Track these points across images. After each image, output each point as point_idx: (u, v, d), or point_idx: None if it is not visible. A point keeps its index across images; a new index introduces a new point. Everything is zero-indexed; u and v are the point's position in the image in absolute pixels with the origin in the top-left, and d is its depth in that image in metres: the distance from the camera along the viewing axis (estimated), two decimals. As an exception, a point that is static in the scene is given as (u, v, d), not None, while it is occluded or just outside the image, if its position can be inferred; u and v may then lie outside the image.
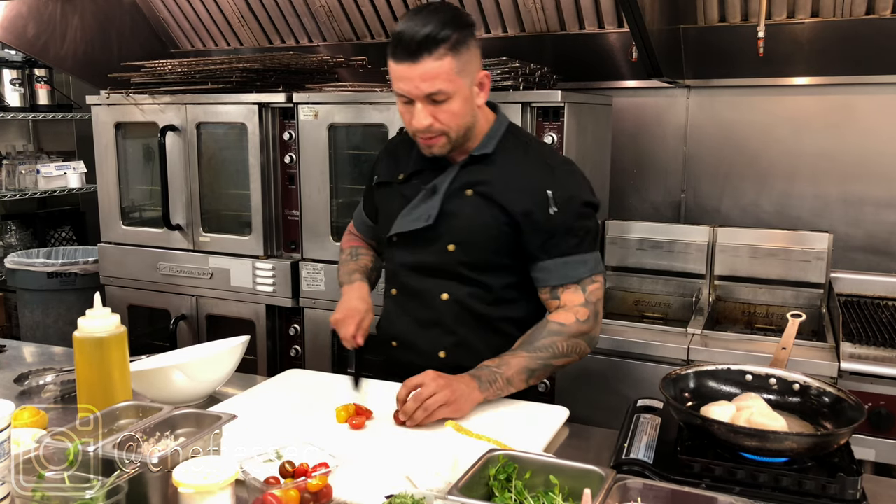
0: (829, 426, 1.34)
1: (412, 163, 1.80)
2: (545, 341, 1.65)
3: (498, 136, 1.74)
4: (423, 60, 1.54)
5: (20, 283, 3.52)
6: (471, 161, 1.72)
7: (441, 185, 1.72)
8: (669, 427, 1.40)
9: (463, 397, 1.53)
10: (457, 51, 1.57)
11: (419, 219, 1.72)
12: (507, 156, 1.73)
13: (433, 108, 1.60)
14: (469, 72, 1.62)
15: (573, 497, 1.13)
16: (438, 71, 1.55)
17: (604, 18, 2.85)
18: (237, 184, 2.98)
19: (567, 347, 1.66)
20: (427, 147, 1.68)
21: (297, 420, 1.56)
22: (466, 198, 1.71)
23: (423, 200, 1.73)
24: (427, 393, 1.50)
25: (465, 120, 1.65)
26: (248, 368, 2.07)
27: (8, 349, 2.10)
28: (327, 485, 1.18)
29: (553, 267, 1.69)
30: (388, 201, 1.84)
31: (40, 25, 3.18)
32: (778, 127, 2.90)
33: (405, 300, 1.82)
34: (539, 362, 1.64)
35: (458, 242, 1.71)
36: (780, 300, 2.74)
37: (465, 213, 1.70)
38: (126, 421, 1.32)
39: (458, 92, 1.60)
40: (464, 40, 1.58)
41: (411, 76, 1.56)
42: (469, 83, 1.63)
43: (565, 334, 1.66)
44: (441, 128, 1.62)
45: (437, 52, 1.54)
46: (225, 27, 3.53)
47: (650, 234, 2.90)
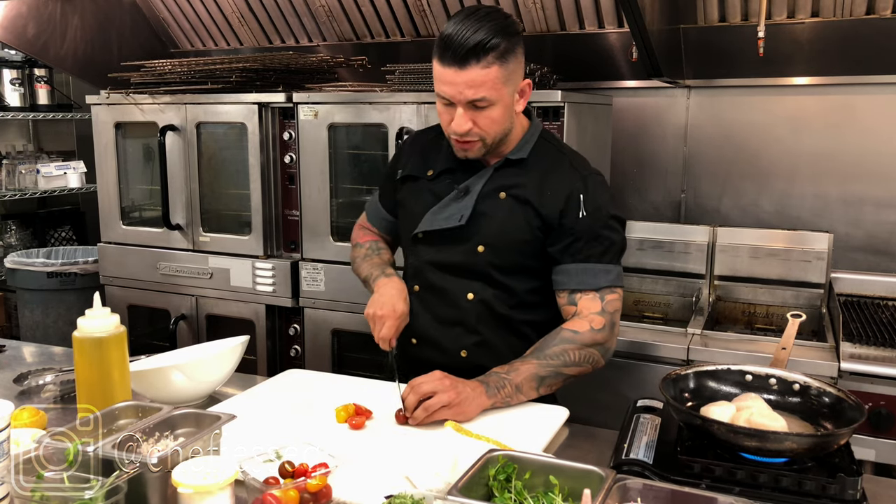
0: (829, 426, 1.34)
1: (443, 160, 1.79)
2: (556, 349, 1.64)
3: (532, 141, 1.75)
4: (470, 67, 1.54)
5: (20, 283, 3.52)
6: (505, 164, 1.73)
7: (474, 187, 1.72)
8: (669, 427, 1.39)
9: (467, 401, 1.52)
10: (504, 59, 1.57)
11: (451, 218, 1.71)
12: (541, 161, 1.74)
13: (473, 114, 1.60)
14: (513, 80, 1.62)
15: (573, 497, 1.13)
16: (485, 79, 1.55)
17: (604, 18, 2.85)
18: (237, 184, 2.98)
19: (580, 357, 1.64)
20: (462, 150, 1.68)
21: (296, 420, 1.56)
22: (500, 200, 1.71)
23: (455, 200, 1.73)
24: (429, 391, 1.50)
25: (503, 126, 1.65)
26: (247, 368, 2.07)
27: (8, 349, 2.10)
28: (327, 485, 1.18)
29: (574, 271, 1.69)
30: (416, 197, 1.82)
31: (40, 25, 3.18)
32: (778, 127, 2.90)
33: (428, 297, 1.80)
34: (549, 370, 1.62)
35: (488, 244, 1.71)
36: (781, 300, 2.74)
37: (497, 216, 1.70)
38: (125, 421, 1.32)
39: (500, 100, 1.60)
40: (512, 49, 1.58)
41: (456, 81, 1.56)
42: (512, 91, 1.63)
43: (578, 343, 1.64)
44: (479, 133, 1.63)
45: (486, 59, 1.54)
46: (225, 27, 3.53)
47: (650, 234, 2.90)
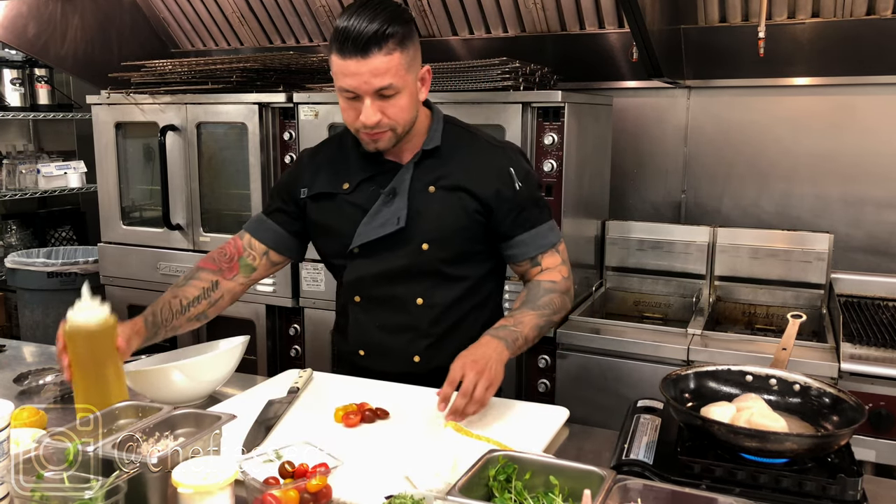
0: (830, 427, 1.34)
1: (356, 170, 1.74)
2: (545, 299, 1.73)
3: (440, 128, 1.74)
4: (373, 55, 1.53)
5: (20, 283, 3.52)
6: (423, 157, 1.72)
7: (400, 186, 1.70)
8: (669, 428, 1.39)
9: (498, 365, 1.55)
10: (404, 46, 1.57)
11: (387, 223, 1.68)
12: (456, 146, 1.74)
13: (382, 104, 1.58)
14: (414, 67, 1.62)
15: (573, 498, 1.13)
16: (389, 65, 1.54)
17: (604, 18, 2.85)
18: (237, 184, 2.98)
19: (560, 303, 1.76)
20: (372, 142, 1.64)
21: (296, 420, 1.56)
22: (430, 194, 1.70)
23: (385, 204, 1.69)
24: (470, 385, 1.49)
25: (411, 114, 1.64)
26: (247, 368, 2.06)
27: (8, 349, 2.09)
28: (327, 485, 1.18)
29: (529, 239, 1.75)
30: (336, 214, 1.75)
31: (40, 25, 3.18)
32: (778, 127, 2.90)
33: (371, 307, 1.77)
34: (545, 319, 1.71)
35: (431, 240, 1.69)
36: (781, 301, 2.74)
37: (433, 209, 1.69)
38: (125, 421, 1.32)
39: (406, 87, 1.59)
40: (409, 35, 1.59)
41: (361, 71, 1.54)
42: (414, 78, 1.62)
43: (558, 291, 1.75)
44: (389, 123, 1.61)
45: (387, 46, 1.53)
46: (225, 27, 3.53)
47: (650, 235, 2.90)
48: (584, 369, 2.42)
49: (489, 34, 3.05)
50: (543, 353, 2.49)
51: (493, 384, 1.52)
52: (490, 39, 3.05)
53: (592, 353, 2.40)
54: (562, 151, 2.41)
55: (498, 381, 1.54)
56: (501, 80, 2.46)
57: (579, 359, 2.42)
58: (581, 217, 2.71)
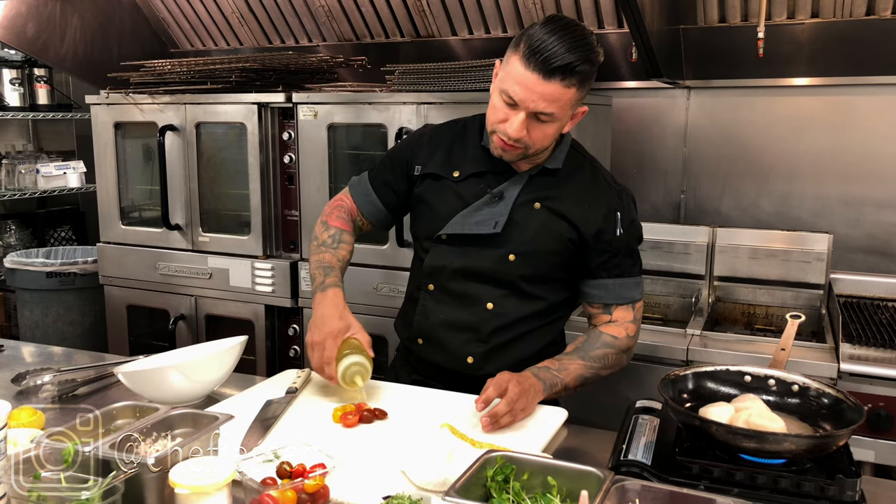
0: (828, 427, 1.34)
1: (471, 162, 1.76)
2: (599, 352, 1.70)
3: (565, 150, 1.76)
4: (553, 81, 1.53)
5: (19, 283, 3.52)
6: (540, 173, 1.73)
7: (508, 193, 1.71)
8: (668, 428, 1.39)
9: (534, 399, 1.57)
10: (583, 85, 1.58)
11: (484, 224, 1.70)
12: (574, 173, 1.75)
13: (531, 123, 1.59)
14: (578, 105, 1.64)
15: (571, 498, 1.12)
16: (561, 98, 1.56)
17: (603, 19, 2.84)
18: (236, 184, 2.98)
19: (615, 361, 1.73)
20: (501, 150, 1.65)
21: (294, 420, 1.56)
22: (535, 210, 1.71)
23: (489, 205, 1.71)
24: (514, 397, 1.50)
25: (549, 143, 1.66)
26: (246, 368, 2.07)
27: (6, 349, 2.09)
28: (324, 485, 1.18)
29: (612, 286, 1.74)
30: (439, 197, 1.77)
31: (40, 25, 3.18)
32: (778, 127, 2.90)
33: (443, 298, 1.78)
34: (592, 372, 1.69)
35: (520, 253, 1.70)
36: (780, 301, 2.74)
37: (532, 226, 1.70)
38: (123, 421, 1.32)
39: (561, 119, 1.61)
40: (590, 77, 1.60)
41: (535, 89, 1.54)
42: (570, 115, 1.64)
43: (617, 348, 1.72)
44: (528, 143, 1.62)
45: (569, 80, 1.54)
46: (225, 27, 3.53)
47: (650, 235, 2.89)
48: (584, 369, 2.41)
49: (489, 34, 3.05)
50: (542, 354, 2.48)
51: (526, 411, 1.53)
52: (489, 39, 3.05)
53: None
54: (561, 151, 2.41)
55: (530, 412, 1.55)
56: (501, 81, 2.46)
57: (578, 359, 2.42)
58: (580, 217, 2.70)
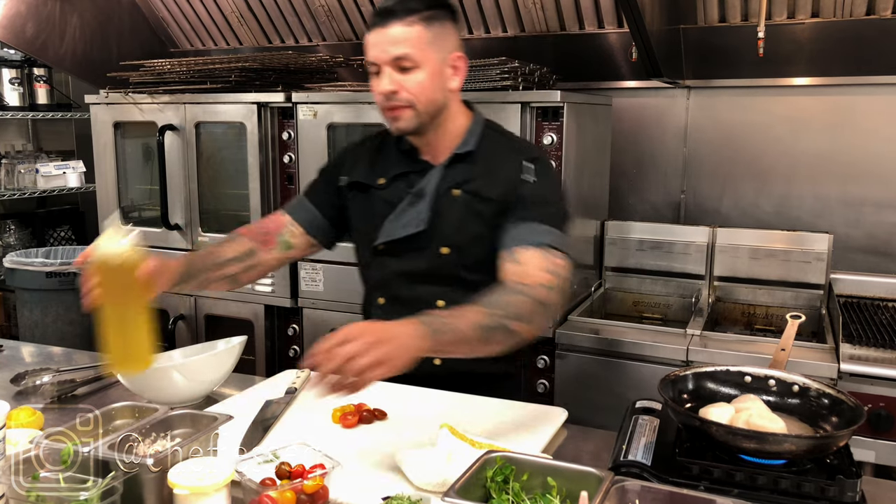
0: (829, 428, 1.34)
1: (393, 165, 1.75)
2: (503, 299, 1.47)
3: (477, 132, 1.72)
4: (391, 24, 1.56)
5: (19, 283, 3.51)
6: (454, 160, 1.70)
7: (427, 188, 1.69)
8: (668, 429, 1.39)
9: (400, 349, 1.28)
10: (428, 23, 1.58)
11: (409, 224, 1.68)
12: (488, 151, 1.71)
13: (400, 76, 1.59)
14: (441, 47, 1.61)
15: (571, 499, 1.12)
16: (407, 36, 1.56)
17: (604, 18, 2.84)
18: (236, 183, 2.98)
19: (526, 309, 1.47)
20: (393, 119, 1.64)
21: (294, 421, 1.55)
22: (454, 198, 1.68)
23: (411, 205, 1.69)
24: (350, 352, 1.22)
25: (433, 95, 1.62)
26: (246, 369, 2.06)
27: (6, 349, 2.09)
28: (324, 486, 1.17)
29: (520, 230, 1.60)
30: (369, 208, 1.76)
31: (39, 24, 3.17)
32: (778, 127, 2.90)
33: (396, 308, 1.73)
34: (494, 320, 1.42)
35: (451, 245, 1.68)
36: (780, 301, 2.73)
37: (454, 214, 1.67)
38: (122, 421, 1.32)
39: (426, 63, 1.59)
40: (438, 17, 1.60)
41: (380, 41, 1.58)
42: (440, 59, 1.61)
43: (528, 295, 1.49)
44: (407, 97, 1.60)
45: (408, 19, 1.56)
46: (224, 27, 3.53)
47: (650, 235, 2.90)
48: (583, 370, 2.41)
49: (488, 34, 3.05)
50: (542, 354, 2.48)
51: (383, 365, 1.24)
52: (489, 39, 3.05)
53: (591, 354, 2.40)
54: (561, 151, 2.41)
55: (393, 364, 1.26)
56: (500, 80, 2.46)
57: (578, 359, 2.42)
58: (580, 217, 2.70)
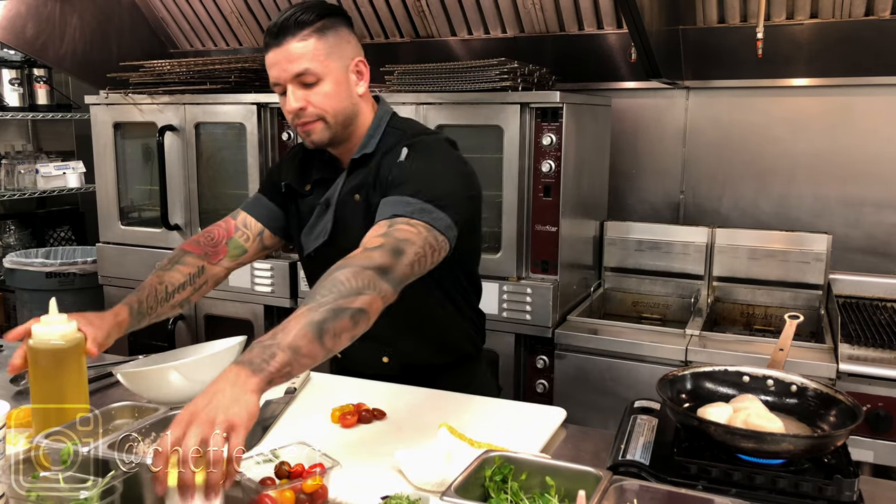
0: (827, 428, 1.34)
1: (315, 172, 1.76)
2: (325, 283, 1.31)
3: (378, 133, 1.69)
4: (286, 41, 1.56)
5: (19, 283, 3.52)
6: (354, 164, 1.68)
7: (332, 197, 1.69)
8: (666, 428, 1.39)
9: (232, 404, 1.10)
10: (322, 33, 1.58)
11: (318, 236, 1.70)
12: (387, 149, 1.66)
13: (305, 92, 1.59)
14: (340, 55, 1.61)
15: (569, 498, 1.13)
16: (303, 51, 1.56)
17: (603, 19, 2.85)
18: (236, 184, 2.98)
19: (356, 283, 1.31)
20: (306, 134, 1.64)
21: (293, 421, 1.56)
22: (355, 204, 1.66)
23: (320, 216, 1.71)
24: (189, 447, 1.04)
25: (341, 104, 1.62)
26: (245, 369, 2.06)
27: (5, 349, 2.09)
28: (323, 486, 1.18)
29: (381, 207, 1.52)
30: (295, 214, 1.79)
31: (39, 25, 3.18)
32: (777, 128, 2.90)
33: None
34: (324, 310, 1.25)
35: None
36: (779, 301, 2.74)
37: (356, 220, 1.64)
38: (122, 421, 1.32)
39: (328, 74, 1.59)
40: (331, 26, 1.60)
41: (278, 59, 1.58)
42: (342, 67, 1.62)
43: (350, 266, 1.33)
44: (315, 111, 1.60)
45: (301, 33, 1.56)
46: (224, 27, 3.53)
47: (649, 235, 2.90)
48: (582, 370, 2.42)
49: (488, 35, 3.05)
50: (541, 354, 2.49)
51: (232, 429, 1.07)
52: (488, 40, 3.05)
53: (590, 354, 2.41)
54: (560, 152, 2.41)
55: (238, 423, 1.08)
56: (500, 81, 2.46)
57: (577, 359, 2.42)
58: (579, 217, 2.71)
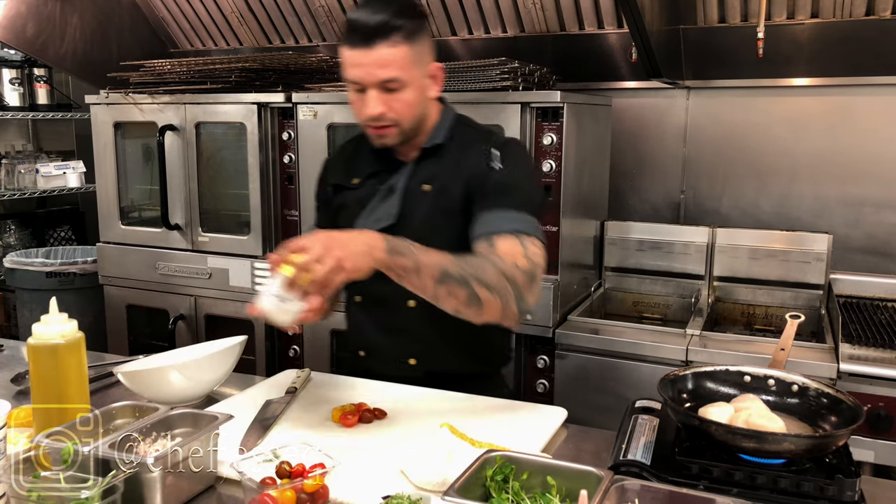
0: (828, 427, 1.34)
1: (366, 165, 1.76)
2: (476, 261, 1.49)
3: (447, 126, 1.71)
4: (377, 46, 1.53)
5: (19, 283, 3.51)
6: (424, 155, 1.70)
7: (398, 184, 1.69)
8: (667, 428, 1.39)
9: (358, 255, 1.35)
10: (412, 40, 1.56)
11: (380, 220, 1.67)
12: (458, 144, 1.69)
13: (386, 97, 1.58)
14: (423, 62, 1.61)
15: (571, 498, 1.12)
16: (394, 58, 1.54)
17: (603, 19, 2.85)
18: (236, 183, 2.98)
19: (495, 281, 1.46)
20: (378, 137, 1.64)
21: (294, 420, 1.56)
22: (424, 193, 1.67)
23: (382, 201, 1.69)
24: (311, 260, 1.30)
25: (417, 111, 1.63)
26: (246, 368, 2.06)
27: (6, 349, 2.09)
28: (324, 485, 1.18)
29: (492, 217, 1.58)
30: (345, 208, 1.77)
31: (39, 25, 3.17)
32: (777, 128, 2.90)
33: (370, 307, 1.75)
34: (459, 272, 1.44)
35: (420, 238, 1.60)
36: (780, 301, 2.74)
37: (423, 210, 1.66)
38: (122, 421, 1.32)
39: (412, 82, 1.58)
40: (418, 30, 1.58)
41: (365, 62, 1.55)
42: (422, 74, 1.61)
43: (499, 267, 1.48)
44: (393, 117, 1.60)
45: (392, 38, 1.53)
46: (224, 27, 3.53)
47: (649, 235, 2.90)
48: (583, 370, 2.42)
49: (488, 34, 3.05)
50: (542, 354, 2.49)
51: (342, 269, 1.32)
52: (489, 40, 3.05)
53: (591, 354, 2.41)
54: (561, 152, 2.41)
55: (349, 269, 1.33)
56: (500, 81, 2.46)
57: (578, 359, 2.42)
58: (580, 217, 2.71)
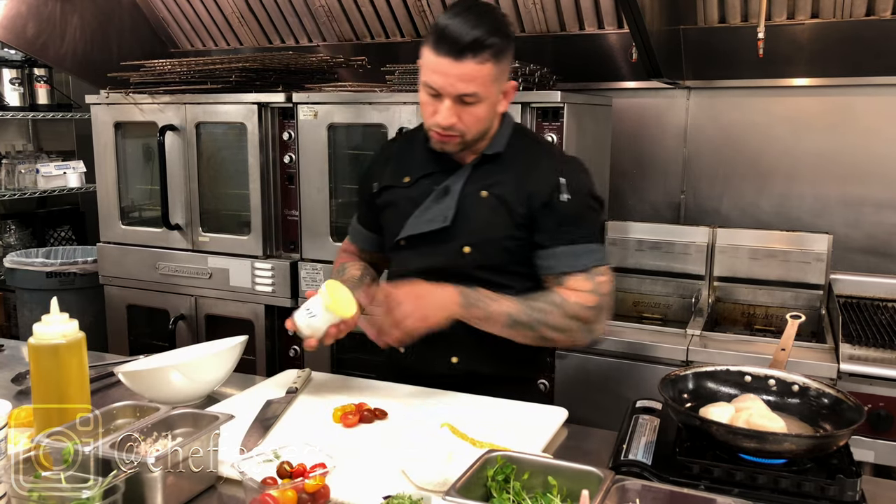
0: (829, 427, 1.34)
1: (418, 165, 1.76)
2: (542, 305, 1.63)
3: (507, 134, 1.73)
4: (466, 61, 1.53)
5: (19, 283, 3.51)
6: (483, 161, 1.71)
7: (454, 186, 1.70)
8: (668, 428, 1.39)
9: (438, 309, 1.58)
10: (498, 59, 1.57)
11: (434, 220, 1.69)
12: (518, 155, 1.72)
13: (459, 109, 1.58)
14: (502, 80, 1.62)
15: (571, 498, 1.12)
16: (478, 74, 1.55)
17: (604, 19, 2.84)
18: (236, 184, 2.98)
19: (560, 323, 1.62)
20: (440, 143, 1.66)
21: (294, 420, 1.56)
22: (482, 199, 1.68)
23: (436, 201, 1.70)
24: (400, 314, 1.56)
25: (485, 125, 1.65)
26: (246, 368, 2.06)
27: (6, 349, 2.09)
28: (325, 485, 1.18)
29: (561, 254, 1.65)
30: (395, 206, 1.78)
31: (40, 25, 3.17)
32: (778, 128, 2.90)
33: None
34: (526, 317, 1.61)
35: (473, 244, 1.68)
36: (780, 301, 2.74)
37: (481, 215, 1.68)
38: (123, 421, 1.32)
39: (487, 97, 1.60)
40: (505, 49, 1.59)
41: (450, 73, 1.55)
42: (498, 91, 1.63)
43: (564, 310, 1.62)
44: (462, 129, 1.61)
45: (482, 55, 1.54)
46: (225, 27, 3.53)
47: (650, 235, 2.90)
48: (583, 370, 2.42)
49: (489, 34, 3.05)
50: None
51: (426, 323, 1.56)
52: (489, 40, 3.05)
53: (591, 354, 2.40)
54: (561, 152, 2.41)
55: (433, 323, 1.57)
56: (501, 81, 2.46)
57: (578, 359, 2.42)
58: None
